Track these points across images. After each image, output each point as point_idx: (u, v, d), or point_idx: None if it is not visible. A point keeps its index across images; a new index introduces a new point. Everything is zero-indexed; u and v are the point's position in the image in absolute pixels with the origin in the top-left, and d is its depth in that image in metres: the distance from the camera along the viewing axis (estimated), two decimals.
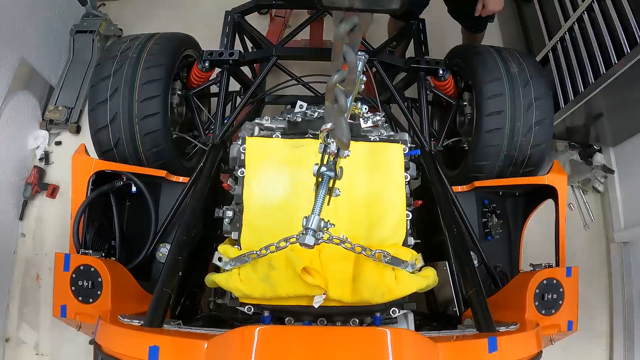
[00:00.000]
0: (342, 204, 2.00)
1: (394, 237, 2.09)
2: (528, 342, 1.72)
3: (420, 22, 3.37)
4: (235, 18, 3.29)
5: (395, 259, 1.92)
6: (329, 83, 1.28)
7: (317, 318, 2.01)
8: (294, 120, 2.44)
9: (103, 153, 2.65)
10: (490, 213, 2.72)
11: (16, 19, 3.69)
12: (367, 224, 2.09)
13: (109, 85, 2.59)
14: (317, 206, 1.61)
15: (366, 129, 2.42)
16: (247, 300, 1.97)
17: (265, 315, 1.98)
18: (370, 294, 1.92)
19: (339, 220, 1.80)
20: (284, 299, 1.94)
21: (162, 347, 1.49)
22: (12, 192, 3.81)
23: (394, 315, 2.01)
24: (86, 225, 2.38)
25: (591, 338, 3.82)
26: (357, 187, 2.15)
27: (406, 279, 1.95)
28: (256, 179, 2.15)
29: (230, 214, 2.20)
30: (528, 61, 2.88)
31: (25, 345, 3.65)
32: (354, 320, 2.02)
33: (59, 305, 2.00)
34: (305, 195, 2.03)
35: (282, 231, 1.89)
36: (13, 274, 3.78)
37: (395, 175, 2.21)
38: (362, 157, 2.21)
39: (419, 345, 1.49)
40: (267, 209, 2.09)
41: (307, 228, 1.57)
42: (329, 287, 1.90)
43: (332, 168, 1.63)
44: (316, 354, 1.43)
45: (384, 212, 2.12)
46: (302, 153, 2.19)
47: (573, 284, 2.15)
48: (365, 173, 2.18)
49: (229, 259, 1.96)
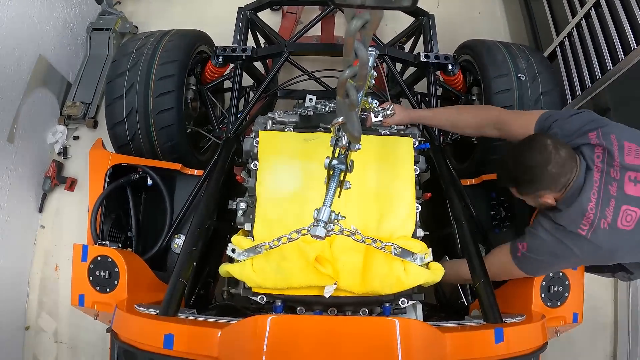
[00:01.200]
0: (353, 196, 2.00)
1: (404, 229, 2.08)
2: (534, 334, 1.71)
3: (430, 18, 3.35)
4: (247, 14, 3.28)
5: (404, 252, 1.92)
6: (340, 78, 1.27)
7: (327, 307, 2.01)
8: (306, 114, 2.44)
9: (119, 147, 2.67)
10: (498, 206, 2.71)
11: (34, 17, 3.71)
12: (377, 216, 2.09)
13: (125, 81, 2.61)
14: (329, 198, 1.61)
15: (377, 122, 2.42)
16: (259, 290, 1.97)
17: (277, 304, 1.98)
18: (379, 285, 1.92)
19: (349, 212, 1.80)
20: (295, 289, 1.94)
21: (177, 335, 1.51)
22: (32, 186, 3.85)
23: (403, 306, 2.01)
24: (103, 217, 2.40)
25: (596, 330, 3.81)
26: (368, 179, 2.15)
27: (415, 271, 1.94)
28: (269, 171, 2.15)
29: (243, 206, 2.21)
30: (536, 57, 2.86)
31: (45, 333, 3.69)
32: (364, 310, 2.02)
33: (77, 295, 2.01)
34: (316, 187, 2.03)
35: (294, 223, 1.90)
36: (33, 265, 3.82)
37: (405, 168, 2.21)
38: (373, 151, 2.21)
39: (427, 335, 1.49)
40: (279, 201, 2.09)
41: (318, 220, 1.57)
42: (340, 277, 1.91)
43: (343, 161, 1.63)
44: (327, 342, 1.44)
45: (393, 204, 2.11)
46: (314, 146, 2.20)
47: (579, 277, 2.13)
48: (376, 166, 2.18)
49: (242, 250, 1.96)
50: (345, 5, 1.19)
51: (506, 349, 1.58)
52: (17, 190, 3.64)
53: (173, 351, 1.50)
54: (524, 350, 1.64)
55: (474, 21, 4.83)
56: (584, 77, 3.40)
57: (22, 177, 3.70)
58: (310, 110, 2.45)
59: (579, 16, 3.51)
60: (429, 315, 2.28)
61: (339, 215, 1.63)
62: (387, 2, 1.13)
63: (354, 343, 1.43)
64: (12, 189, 3.56)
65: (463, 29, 4.29)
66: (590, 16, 3.38)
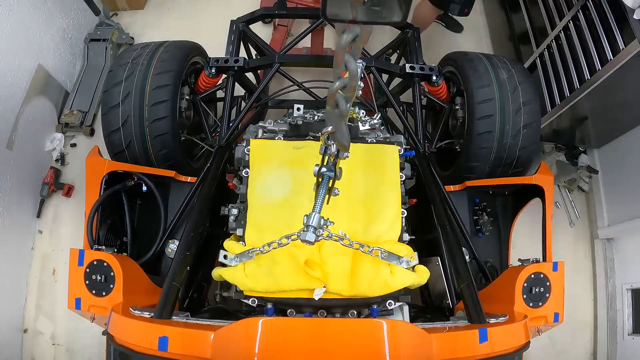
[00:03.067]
0: (341, 203, 1.99)
1: (390, 234, 2.09)
2: (517, 333, 1.72)
3: (415, 31, 3.37)
4: (240, 27, 3.28)
5: (391, 255, 1.93)
6: (330, 89, 1.28)
7: (317, 310, 2.00)
8: (295, 123, 2.44)
9: (115, 154, 2.65)
10: (481, 211, 2.73)
11: (33, 27, 3.70)
12: (365, 221, 2.09)
13: (121, 90, 2.60)
14: (318, 205, 1.61)
15: (364, 131, 2.42)
16: (251, 293, 1.96)
17: (268, 307, 1.97)
18: (367, 288, 1.92)
19: (337, 218, 1.79)
20: (286, 292, 1.94)
21: (171, 337, 1.50)
22: (30, 192, 3.82)
23: (390, 308, 2.01)
24: (99, 222, 2.38)
25: (576, 329, 3.83)
26: (355, 186, 2.15)
27: (401, 274, 1.95)
28: (259, 178, 2.15)
29: (235, 212, 2.21)
30: (517, 68, 2.88)
31: (42, 335, 3.65)
32: (352, 312, 2.01)
33: (73, 298, 2.00)
34: (306, 193, 2.03)
35: (284, 228, 1.89)
36: (31, 269, 3.79)
37: (391, 174, 2.21)
38: (360, 158, 2.21)
39: (414, 335, 1.49)
40: (269, 207, 2.09)
41: (308, 225, 1.57)
42: (329, 280, 1.90)
43: (332, 169, 1.63)
44: (316, 344, 1.43)
45: (380, 209, 2.12)
46: (303, 154, 2.20)
47: (559, 278, 2.14)
48: (363, 173, 2.18)
49: (234, 255, 1.96)
50: (337, 20, 1.20)
51: (490, 348, 1.58)
52: (16, 196, 3.61)
53: (167, 353, 1.49)
54: (507, 349, 1.65)
55: (458, 34, 4.87)
56: (563, 87, 3.42)
57: (21, 183, 3.67)
58: (299, 119, 2.46)
59: (557, 29, 3.54)
60: (415, 316, 2.28)
61: (327, 221, 1.63)
62: (378, 17, 1.14)
63: (343, 344, 1.43)
64: (11, 195, 3.53)
65: (447, 41, 4.32)
66: (569, 29, 3.41)
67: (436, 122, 3.39)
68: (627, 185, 3.73)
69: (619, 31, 2.90)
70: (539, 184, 2.53)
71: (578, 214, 4.10)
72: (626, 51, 2.81)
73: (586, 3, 3.21)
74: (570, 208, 4.12)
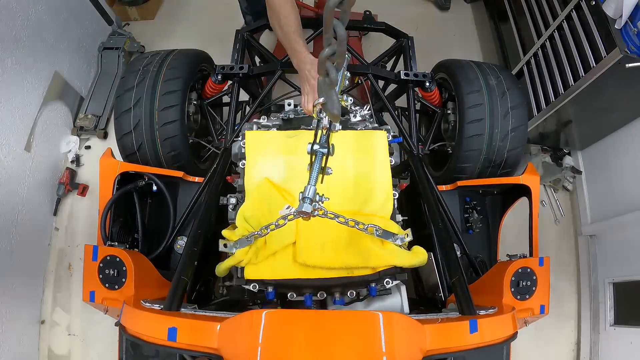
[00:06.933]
0: (334, 183, 1.97)
1: (382, 211, 2.05)
2: (505, 324, 1.71)
3: (409, 40, 3.37)
4: (245, 36, 3.28)
5: (385, 233, 1.88)
6: (320, 56, 1.24)
7: (317, 291, 1.94)
8: (287, 118, 2.43)
9: (127, 156, 2.65)
10: (471, 209, 2.72)
11: (50, 37, 3.70)
12: (357, 199, 2.05)
13: (132, 95, 2.59)
14: (313, 177, 1.58)
15: (354, 122, 2.42)
16: (251, 276, 1.91)
17: (269, 290, 1.92)
18: (354, 257, 1.88)
19: (331, 197, 1.75)
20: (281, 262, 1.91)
21: (180, 328, 1.49)
22: (47, 191, 3.83)
23: (388, 286, 1.94)
24: (112, 220, 2.38)
25: (561, 320, 3.83)
26: (347, 168, 2.12)
27: (394, 249, 1.91)
28: (255, 167, 2.13)
29: (233, 201, 2.18)
30: (505, 74, 2.88)
31: (59, 326, 3.65)
32: (351, 292, 1.95)
33: (88, 291, 1.99)
34: (300, 179, 2.01)
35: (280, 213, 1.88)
36: (47, 264, 3.79)
37: (380, 157, 2.18)
38: (351, 143, 2.19)
39: (408, 326, 1.49)
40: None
41: (304, 197, 1.54)
42: (313, 254, 1.87)
43: (324, 145, 1.60)
44: (316, 334, 1.43)
45: (372, 189, 2.08)
46: (296, 142, 2.17)
47: (545, 273, 2.14)
48: (354, 157, 2.16)
49: (233, 242, 1.92)
50: None
51: (480, 338, 1.57)
52: (34, 195, 3.61)
53: (176, 343, 1.48)
54: (496, 339, 1.64)
55: (449, 42, 4.87)
56: (548, 92, 3.43)
57: (38, 183, 3.67)
58: (291, 113, 2.44)
59: (543, 38, 3.54)
60: (409, 308, 2.27)
61: (322, 197, 1.61)
62: None
63: (341, 334, 1.43)
64: (29, 194, 3.53)
65: (439, 49, 4.31)
66: (554, 38, 3.41)
67: (429, 125, 3.39)
68: (608, 185, 3.73)
69: (601, 40, 2.90)
70: (526, 184, 2.53)
71: (563, 212, 4.10)
72: (608, 59, 2.81)
73: (570, 13, 3.21)
74: (556, 206, 4.12)
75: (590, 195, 3.96)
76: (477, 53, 4.81)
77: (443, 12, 5.03)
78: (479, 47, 4.87)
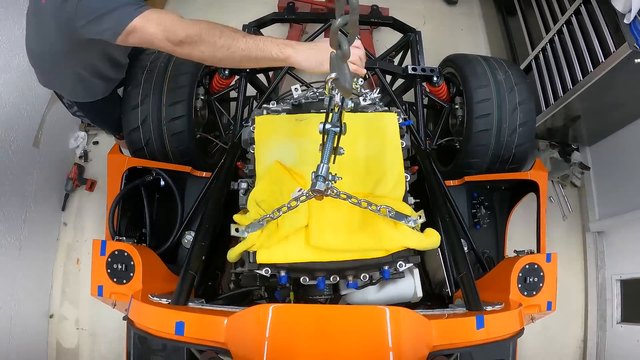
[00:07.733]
0: (345, 164, 1.93)
1: (395, 193, 2.01)
2: (511, 320, 1.71)
3: (417, 34, 3.35)
4: (252, 31, 3.28)
5: (398, 214, 1.85)
6: (332, 27, 1.21)
7: (330, 274, 1.90)
8: (298, 103, 2.40)
9: (135, 151, 2.66)
10: (479, 205, 2.71)
11: None
12: (369, 181, 2.02)
13: (140, 91, 2.60)
14: (325, 156, 1.55)
15: (364, 105, 2.39)
16: (264, 260, 1.87)
17: (282, 275, 1.88)
18: (367, 240, 1.86)
19: (343, 179, 1.70)
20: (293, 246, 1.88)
21: (187, 322, 1.50)
22: (55, 187, 3.85)
23: (401, 269, 1.90)
24: (120, 215, 2.39)
25: (568, 317, 3.82)
26: (358, 150, 2.09)
27: (407, 231, 1.88)
28: (265, 150, 2.11)
29: (244, 186, 2.15)
30: (513, 69, 2.87)
31: (67, 320, 3.69)
32: (364, 275, 1.90)
33: (96, 286, 2.00)
34: (311, 162, 1.93)
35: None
36: (56, 258, 3.82)
37: (391, 138, 2.15)
38: (361, 126, 2.16)
39: (414, 321, 1.49)
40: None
41: (317, 175, 1.52)
42: (326, 236, 1.85)
43: (336, 124, 1.56)
44: (323, 328, 1.43)
45: (384, 170, 2.05)
46: (306, 125, 2.14)
47: (552, 269, 2.13)
48: (365, 139, 2.13)
49: (245, 226, 1.91)
50: None
51: (486, 334, 1.57)
52: (42, 190, 3.63)
53: (184, 337, 1.49)
54: (503, 335, 1.64)
55: (457, 37, 4.84)
56: (557, 88, 3.41)
57: (47, 178, 3.69)
58: (301, 98, 2.41)
59: (552, 32, 3.52)
60: (416, 303, 2.27)
61: (335, 177, 1.58)
62: None
63: (348, 328, 1.43)
64: (38, 190, 3.55)
65: (447, 44, 4.29)
66: (563, 32, 3.39)
67: (437, 120, 3.38)
68: (617, 181, 3.71)
69: (610, 34, 2.88)
70: (533, 180, 2.51)
71: (570, 208, 4.08)
72: (617, 54, 2.79)
73: (579, 8, 3.18)
74: (563, 202, 4.10)
75: (598, 191, 3.93)
76: (485, 48, 4.78)
77: (451, 7, 4.99)
78: (487, 42, 4.84)
